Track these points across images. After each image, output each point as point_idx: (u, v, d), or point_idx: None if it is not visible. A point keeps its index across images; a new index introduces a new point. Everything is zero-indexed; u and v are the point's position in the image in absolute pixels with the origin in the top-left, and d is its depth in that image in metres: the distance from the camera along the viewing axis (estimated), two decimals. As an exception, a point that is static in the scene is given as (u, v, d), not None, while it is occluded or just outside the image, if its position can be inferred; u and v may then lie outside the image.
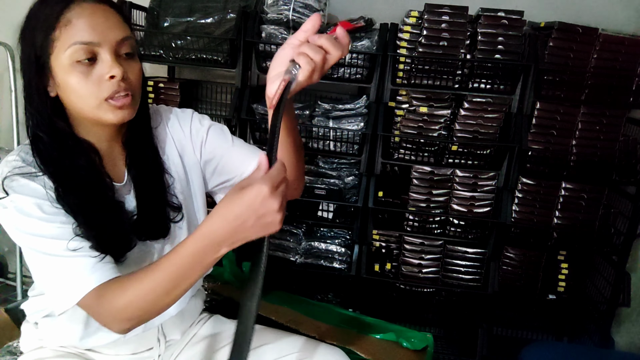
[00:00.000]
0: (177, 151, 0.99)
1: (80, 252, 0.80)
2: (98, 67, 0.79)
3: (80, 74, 0.78)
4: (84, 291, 0.77)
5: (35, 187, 0.81)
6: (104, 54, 0.78)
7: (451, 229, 1.84)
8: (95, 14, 0.78)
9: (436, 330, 2.12)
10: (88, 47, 0.77)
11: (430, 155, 1.82)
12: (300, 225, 1.92)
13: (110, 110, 0.80)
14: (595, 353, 1.66)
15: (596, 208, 1.77)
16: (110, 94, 0.79)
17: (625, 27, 1.83)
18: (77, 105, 0.81)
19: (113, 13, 0.81)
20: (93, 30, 0.77)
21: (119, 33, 0.80)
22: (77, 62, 0.77)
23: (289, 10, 1.71)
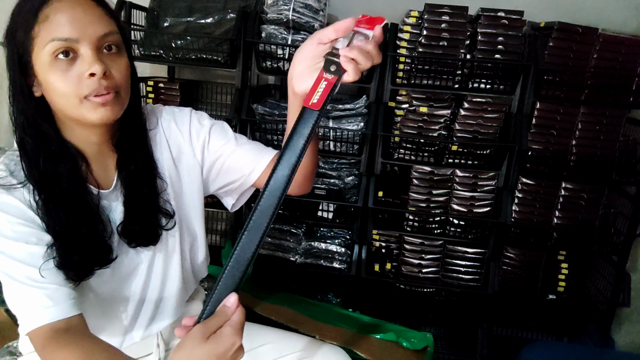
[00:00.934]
0: (172, 155, 0.96)
1: (40, 283, 0.77)
2: (78, 63, 0.75)
3: (59, 72, 0.75)
4: (31, 327, 0.76)
5: (12, 202, 0.79)
6: (84, 50, 0.75)
7: (451, 229, 1.84)
8: (74, 8, 0.75)
9: (436, 330, 2.12)
10: (66, 43, 0.74)
11: (430, 155, 1.82)
12: (300, 225, 1.92)
13: (92, 109, 0.77)
14: (595, 353, 1.66)
15: (596, 208, 1.77)
16: (91, 92, 0.76)
17: (625, 27, 1.84)
18: (59, 104, 0.78)
19: (94, 6, 0.77)
20: (71, 25, 0.74)
21: (101, 28, 0.76)
22: (56, 59, 0.74)
23: (289, 10, 1.71)
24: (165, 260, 0.97)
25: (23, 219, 0.79)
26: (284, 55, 1.77)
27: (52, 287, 0.78)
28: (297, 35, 1.74)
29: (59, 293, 0.78)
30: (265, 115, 1.81)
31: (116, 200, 0.90)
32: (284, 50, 1.76)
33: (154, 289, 0.98)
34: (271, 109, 1.80)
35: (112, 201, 0.89)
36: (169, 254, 0.98)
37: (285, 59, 1.77)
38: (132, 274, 0.94)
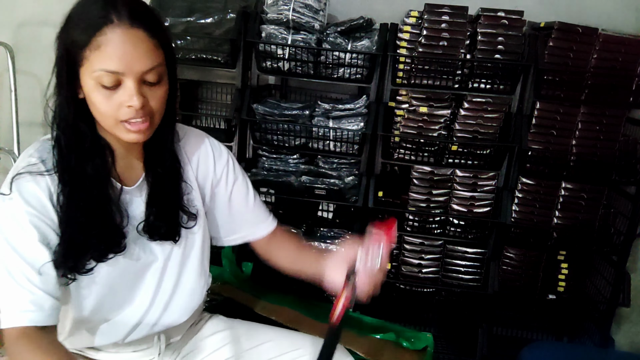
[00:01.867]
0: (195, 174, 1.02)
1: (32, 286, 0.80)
2: (120, 92, 0.79)
3: (102, 96, 0.79)
4: (9, 324, 0.80)
5: (35, 191, 0.83)
6: (127, 82, 0.79)
7: (451, 229, 1.84)
8: (126, 43, 0.77)
9: (436, 330, 2.12)
10: (113, 75, 0.78)
11: (430, 155, 1.82)
12: (300, 225, 1.92)
13: (125, 131, 0.83)
14: (595, 353, 1.67)
15: (596, 208, 1.77)
16: (127, 118, 0.81)
17: (625, 27, 1.83)
18: (97, 117, 0.83)
19: (145, 40, 0.79)
20: (120, 60, 0.77)
21: (147, 63, 0.79)
22: (101, 86, 0.78)
23: (289, 10, 1.71)
24: (184, 255, 1.01)
25: (41, 213, 0.83)
26: (284, 55, 1.77)
27: (39, 294, 0.81)
28: (297, 35, 1.74)
29: (43, 301, 0.82)
30: (265, 115, 1.81)
31: (138, 196, 0.94)
32: (284, 50, 1.76)
33: (169, 284, 1.00)
34: (271, 108, 1.80)
35: (134, 196, 0.94)
36: (187, 250, 1.02)
37: (285, 58, 1.77)
38: (148, 267, 0.97)
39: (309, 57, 1.77)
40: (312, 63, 1.78)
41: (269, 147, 1.89)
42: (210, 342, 1.11)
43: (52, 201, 0.83)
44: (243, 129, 1.88)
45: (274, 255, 1.13)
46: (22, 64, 2.07)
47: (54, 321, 0.83)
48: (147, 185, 0.95)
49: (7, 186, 0.82)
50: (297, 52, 1.76)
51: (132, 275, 0.95)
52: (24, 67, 2.10)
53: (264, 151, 1.92)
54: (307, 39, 1.74)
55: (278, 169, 1.90)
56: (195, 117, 2.12)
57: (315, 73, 1.81)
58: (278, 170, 1.90)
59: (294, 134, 1.82)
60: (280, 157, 1.91)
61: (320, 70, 1.80)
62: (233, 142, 1.87)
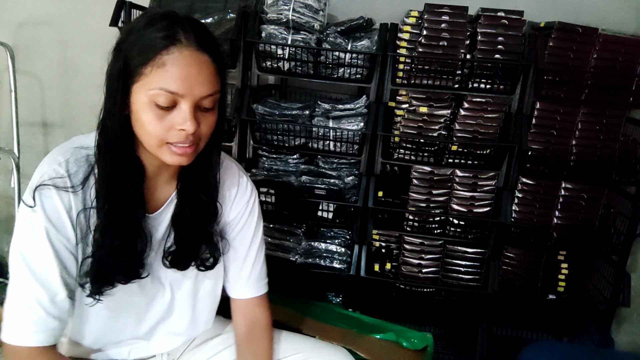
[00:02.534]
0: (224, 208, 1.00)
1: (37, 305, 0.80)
2: (174, 114, 0.78)
3: (154, 115, 0.77)
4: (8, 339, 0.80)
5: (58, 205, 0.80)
6: (184, 105, 0.77)
7: (451, 229, 1.84)
8: (191, 65, 0.76)
9: (436, 330, 2.12)
10: (172, 96, 0.76)
11: (430, 155, 1.82)
12: (300, 225, 1.92)
13: (169, 154, 0.80)
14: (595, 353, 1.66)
15: (596, 208, 1.77)
16: (176, 142, 0.79)
17: (625, 27, 1.83)
18: (140, 135, 0.81)
19: (209, 65, 0.78)
20: (182, 82, 0.75)
21: (207, 89, 0.78)
22: (156, 104, 0.77)
23: (289, 10, 1.71)
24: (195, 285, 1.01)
25: (59, 231, 0.81)
26: (284, 55, 1.77)
27: (43, 315, 0.80)
28: (297, 35, 1.74)
29: (48, 322, 0.81)
30: (265, 115, 1.81)
31: (161, 220, 0.92)
32: (284, 50, 1.76)
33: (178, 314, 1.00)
34: (271, 108, 1.80)
35: (156, 221, 0.92)
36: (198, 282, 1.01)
37: (285, 58, 1.77)
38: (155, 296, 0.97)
39: (309, 57, 1.77)
40: (312, 63, 1.78)
41: (269, 147, 1.89)
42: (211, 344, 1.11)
43: (71, 219, 0.81)
44: (243, 129, 1.88)
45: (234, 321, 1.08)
46: (22, 64, 2.07)
47: (55, 340, 0.83)
48: (173, 207, 0.92)
49: (30, 195, 0.80)
50: (297, 52, 1.76)
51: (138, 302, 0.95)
52: (24, 67, 2.11)
53: (264, 151, 1.92)
54: (307, 39, 1.74)
55: (278, 169, 1.90)
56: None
57: (315, 73, 1.81)
58: (278, 170, 1.90)
59: (293, 134, 1.82)
60: (280, 157, 1.91)
61: (320, 70, 1.80)
62: (233, 142, 1.87)
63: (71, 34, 2.13)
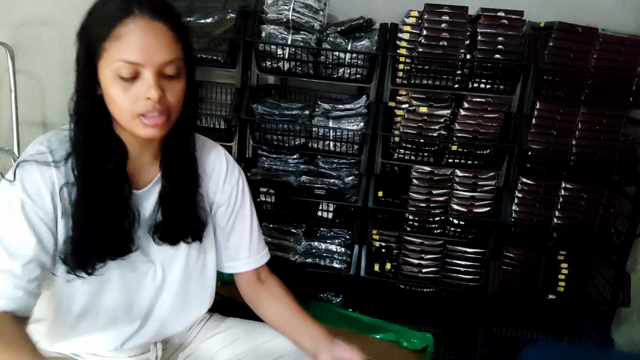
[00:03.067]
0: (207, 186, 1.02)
1: (2, 273, 0.78)
2: (138, 84, 0.79)
3: (120, 88, 0.79)
4: None
5: (37, 181, 0.81)
6: (146, 74, 0.79)
7: (451, 229, 1.84)
8: (147, 33, 0.77)
9: (436, 330, 2.12)
10: (132, 66, 0.77)
11: (430, 155, 1.82)
12: (300, 225, 1.92)
13: (142, 126, 0.82)
14: (595, 353, 1.66)
15: (596, 208, 1.77)
16: (144, 112, 0.80)
17: (625, 27, 1.83)
18: (113, 113, 0.83)
19: (167, 31, 0.80)
20: (140, 51, 0.77)
21: (166, 55, 0.80)
22: (120, 77, 0.78)
23: (289, 10, 1.71)
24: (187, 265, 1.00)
25: (36, 204, 0.81)
26: (283, 55, 1.77)
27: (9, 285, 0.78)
28: (297, 35, 1.74)
29: (14, 293, 0.78)
30: (265, 115, 1.81)
31: (147, 200, 0.94)
32: (284, 50, 1.76)
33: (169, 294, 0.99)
34: (271, 108, 1.80)
35: (143, 200, 0.93)
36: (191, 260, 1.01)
37: (285, 58, 1.77)
38: (146, 275, 0.96)
39: (309, 57, 1.77)
40: (312, 63, 1.78)
41: (269, 147, 1.89)
42: (210, 344, 1.10)
43: (52, 194, 0.82)
44: (243, 129, 1.87)
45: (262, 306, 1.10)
46: (22, 64, 2.07)
47: (24, 312, 0.80)
48: (160, 187, 0.94)
49: (12, 172, 0.82)
50: (297, 52, 1.76)
51: (129, 280, 0.94)
52: (24, 67, 2.10)
53: (264, 151, 1.92)
54: (307, 39, 1.74)
55: (278, 168, 1.90)
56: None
57: (315, 73, 1.81)
58: (278, 170, 1.90)
59: (293, 134, 1.82)
60: (280, 157, 1.91)
61: (320, 70, 1.80)
62: (233, 142, 1.87)
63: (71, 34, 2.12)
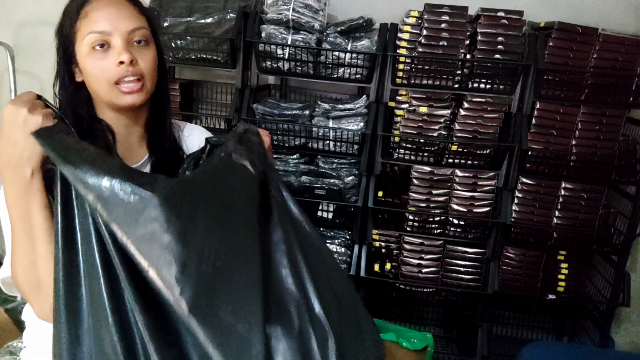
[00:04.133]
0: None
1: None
2: (110, 53, 0.87)
3: (95, 60, 0.86)
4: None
5: None
6: (115, 42, 0.87)
7: (451, 229, 1.84)
8: (109, 7, 0.87)
9: (436, 330, 2.12)
10: (101, 35, 0.86)
11: (430, 155, 1.82)
12: (300, 225, 1.92)
13: (120, 95, 0.88)
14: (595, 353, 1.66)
15: (596, 208, 1.77)
16: (119, 78, 0.87)
17: (625, 27, 1.83)
18: (94, 87, 0.89)
19: (127, 5, 0.89)
20: (105, 21, 0.86)
21: (130, 23, 0.88)
22: (94, 50, 0.86)
23: (289, 10, 1.71)
24: None
25: None
26: (283, 55, 1.77)
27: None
28: (297, 35, 1.74)
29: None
30: (265, 115, 1.81)
31: None
32: (284, 50, 1.76)
33: None
34: (271, 108, 1.80)
35: None
36: None
37: (285, 58, 1.77)
38: None
39: (309, 57, 1.77)
40: (312, 63, 1.78)
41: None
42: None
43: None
44: (243, 129, 1.87)
45: None
46: (22, 64, 2.07)
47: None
48: (149, 167, 0.98)
49: None
50: (297, 52, 1.76)
51: None
52: (24, 67, 2.11)
53: (264, 151, 1.92)
54: (307, 39, 1.74)
55: (278, 168, 1.90)
56: (195, 117, 2.12)
57: (315, 73, 1.81)
58: (278, 170, 1.90)
59: (293, 134, 1.82)
60: (280, 157, 1.91)
61: (320, 70, 1.80)
62: (233, 142, 1.87)
63: (71, 34, 2.13)
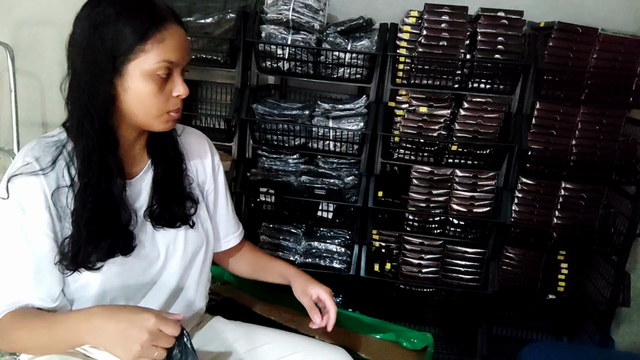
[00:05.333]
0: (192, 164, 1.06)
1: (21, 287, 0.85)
2: (170, 84, 0.88)
3: (155, 87, 0.85)
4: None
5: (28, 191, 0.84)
6: (176, 73, 0.88)
7: (451, 229, 1.84)
8: (182, 38, 0.88)
9: (436, 330, 2.12)
10: (172, 66, 0.86)
11: (430, 155, 1.82)
12: (300, 225, 1.92)
13: (164, 122, 0.90)
14: (595, 353, 1.66)
15: (596, 208, 1.77)
16: (173, 109, 0.90)
17: (625, 27, 1.83)
18: (137, 109, 0.87)
19: (188, 39, 0.91)
20: (179, 52, 0.87)
21: (189, 57, 0.91)
22: (157, 76, 0.85)
23: (289, 10, 1.71)
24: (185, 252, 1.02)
25: (32, 216, 0.85)
26: (283, 55, 1.77)
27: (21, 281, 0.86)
28: (297, 35, 1.74)
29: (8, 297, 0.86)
30: (265, 115, 1.81)
31: (140, 188, 0.97)
32: (284, 50, 1.76)
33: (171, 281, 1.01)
34: (271, 108, 1.80)
35: (136, 189, 0.97)
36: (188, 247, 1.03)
37: (285, 58, 1.77)
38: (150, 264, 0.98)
39: (309, 57, 1.77)
40: (312, 63, 1.78)
41: (269, 147, 1.89)
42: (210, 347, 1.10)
43: (46, 202, 0.85)
44: (243, 129, 1.88)
45: (234, 265, 1.26)
46: (22, 64, 2.07)
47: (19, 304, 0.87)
48: (152, 173, 0.98)
49: (4, 188, 0.84)
50: (296, 52, 1.76)
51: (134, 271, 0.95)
52: (24, 67, 2.11)
53: (264, 151, 1.92)
54: (307, 39, 1.74)
55: (278, 169, 1.90)
56: (194, 117, 2.12)
57: (315, 73, 1.81)
58: (278, 170, 1.90)
59: (293, 134, 1.82)
60: (280, 157, 1.91)
61: (320, 70, 1.80)
62: (233, 142, 1.87)
63: (71, 34, 2.13)
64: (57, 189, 0.86)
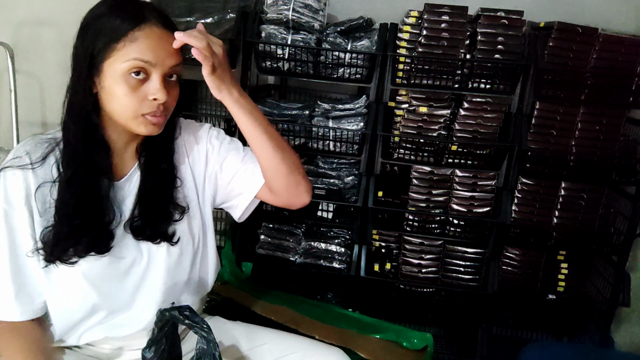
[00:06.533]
0: (189, 163, 1.04)
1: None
2: (146, 85, 0.86)
3: (128, 87, 0.84)
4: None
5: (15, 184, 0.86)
6: (155, 76, 0.86)
7: (451, 229, 1.84)
8: (161, 38, 0.85)
9: (436, 330, 2.12)
10: (145, 65, 0.84)
11: (430, 155, 1.82)
12: (299, 225, 1.92)
13: (143, 124, 0.88)
14: (595, 353, 1.66)
15: (596, 208, 1.77)
16: (148, 112, 0.87)
17: (625, 27, 1.83)
18: (114, 110, 0.87)
19: (172, 41, 0.87)
20: (154, 52, 0.84)
21: (173, 60, 0.88)
22: (130, 75, 0.84)
23: (289, 10, 1.71)
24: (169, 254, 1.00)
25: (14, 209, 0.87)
26: (283, 55, 1.77)
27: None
28: (297, 35, 1.74)
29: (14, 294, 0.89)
30: (265, 115, 1.81)
31: (126, 192, 0.96)
32: (284, 50, 1.76)
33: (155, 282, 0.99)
34: (271, 108, 1.80)
35: (123, 192, 0.96)
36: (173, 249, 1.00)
37: (285, 58, 1.77)
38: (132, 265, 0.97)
39: (309, 57, 1.77)
40: (312, 63, 1.78)
41: (269, 147, 1.89)
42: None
43: (27, 196, 0.87)
44: (243, 129, 1.87)
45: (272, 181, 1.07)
46: (22, 64, 2.07)
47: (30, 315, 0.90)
48: (138, 179, 0.96)
49: None
50: (296, 52, 1.76)
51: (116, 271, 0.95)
52: (24, 67, 2.10)
53: (264, 151, 1.91)
54: (306, 39, 1.74)
55: (278, 169, 1.90)
56: (195, 117, 2.12)
57: (315, 73, 1.81)
58: (278, 170, 1.90)
59: (293, 134, 1.82)
60: (280, 157, 1.91)
61: (320, 70, 1.80)
62: (233, 142, 1.87)
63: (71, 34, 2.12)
64: (44, 184, 0.87)
